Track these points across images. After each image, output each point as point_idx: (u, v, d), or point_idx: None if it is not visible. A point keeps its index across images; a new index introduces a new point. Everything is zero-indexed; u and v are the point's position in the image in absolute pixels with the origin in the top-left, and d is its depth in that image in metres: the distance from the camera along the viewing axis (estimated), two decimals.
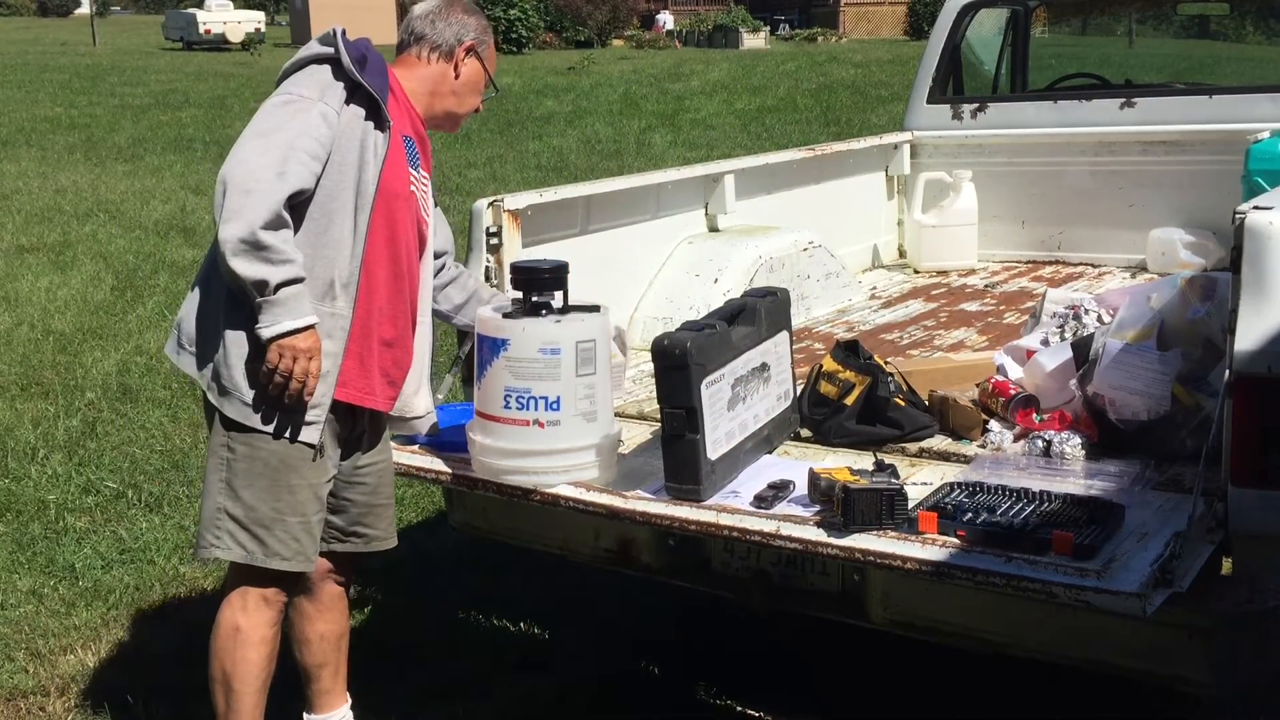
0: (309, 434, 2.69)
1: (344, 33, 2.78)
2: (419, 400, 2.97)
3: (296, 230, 2.63)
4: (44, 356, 7.26)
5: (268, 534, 2.72)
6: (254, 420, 2.66)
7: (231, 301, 2.64)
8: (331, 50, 2.73)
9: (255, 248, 2.51)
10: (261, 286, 2.54)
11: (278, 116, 2.64)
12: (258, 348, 2.61)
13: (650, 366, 2.76)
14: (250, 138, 2.60)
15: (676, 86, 24.17)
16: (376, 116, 2.71)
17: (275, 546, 2.72)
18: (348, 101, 2.69)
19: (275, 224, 2.54)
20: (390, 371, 2.83)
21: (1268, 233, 2.39)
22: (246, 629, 2.78)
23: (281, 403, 2.64)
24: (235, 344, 2.64)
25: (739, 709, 3.47)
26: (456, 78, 2.91)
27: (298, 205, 2.63)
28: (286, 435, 2.68)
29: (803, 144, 6.32)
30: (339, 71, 2.70)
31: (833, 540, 2.47)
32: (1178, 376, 2.76)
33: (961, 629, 2.64)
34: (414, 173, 2.85)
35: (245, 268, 2.52)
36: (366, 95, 2.69)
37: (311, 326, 2.60)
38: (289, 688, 3.19)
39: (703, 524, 2.63)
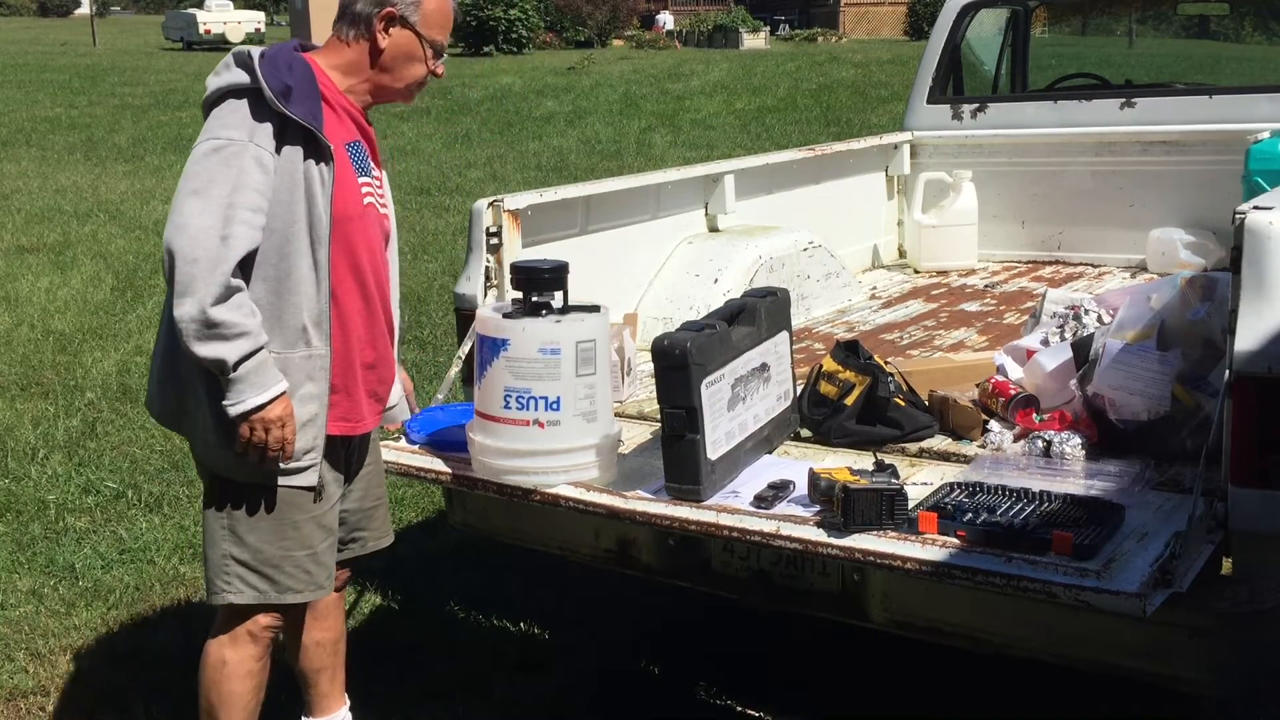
0: (307, 478, 2.64)
1: (262, 55, 2.57)
2: (394, 390, 2.96)
3: (255, 280, 2.52)
4: (44, 356, 7.27)
5: (277, 572, 2.68)
6: (248, 475, 2.61)
7: None
8: (248, 79, 2.53)
9: (208, 327, 2.42)
10: (220, 366, 2.45)
11: (211, 168, 2.47)
12: None
13: (650, 366, 2.76)
14: (187, 195, 2.45)
15: (676, 86, 24.17)
16: (315, 145, 2.55)
17: (286, 582, 2.69)
18: (281, 136, 2.52)
19: (225, 295, 2.43)
20: (376, 390, 2.80)
21: (1268, 233, 2.39)
22: (234, 662, 2.76)
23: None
24: (215, 398, 2.54)
25: (739, 709, 3.47)
26: (381, 53, 2.68)
27: (251, 254, 2.51)
28: (282, 484, 2.63)
29: (803, 144, 6.32)
30: (263, 105, 2.51)
31: (833, 540, 2.47)
32: (1178, 376, 2.76)
33: (961, 629, 2.64)
34: (366, 179, 2.72)
35: (201, 349, 2.44)
36: (300, 126, 2.52)
37: (279, 396, 2.51)
38: (288, 691, 3.19)
39: (703, 524, 2.63)
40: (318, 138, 2.54)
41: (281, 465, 2.60)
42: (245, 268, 2.50)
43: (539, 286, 2.81)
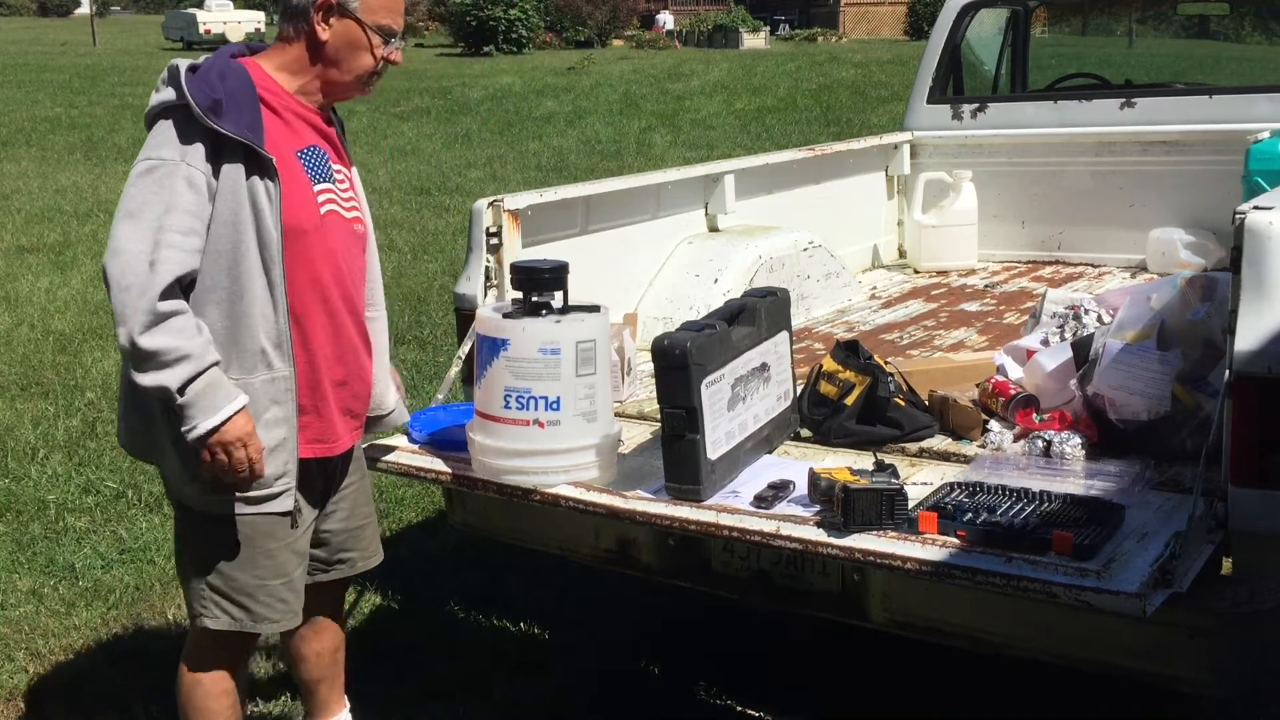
0: (282, 503, 2.57)
1: (190, 68, 2.47)
2: (388, 396, 2.91)
3: (208, 304, 2.44)
4: (44, 356, 7.27)
5: (252, 601, 2.62)
6: (219, 506, 2.55)
7: None
8: (175, 96, 2.43)
9: (143, 357, 2.34)
10: (164, 393, 2.37)
11: (143, 190, 2.38)
12: None
13: (650, 366, 2.76)
14: (121, 219, 2.38)
15: (676, 86, 24.17)
16: (257, 159, 2.43)
17: (262, 612, 2.64)
18: (217, 154, 2.41)
19: (156, 321, 2.33)
20: (350, 406, 2.73)
21: (1268, 233, 2.39)
22: (207, 681, 2.71)
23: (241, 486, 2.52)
24: (175, 426, 2.46)
25: (739, 709, 3.47)
26: (323, 46, 2.56)
27: (202, 277, 2.43)
28: (256, 511, 2.56)
29: (803, 144, 6.32)
30: (194, 123, 2.40)
31: (833, 540, 2.46)
32: (1178, 376, 2.76)
33: (961, 629, 2.64)
34: (326, 186, 2.61)
35: (142, 379, 2.36)
36: (238, 141, 2.41)
37: (236, 413, 2.42)
38: (291, 690, 3.20)
39: (703, 524, 2.63)
40: (258, 152, 2.43)
41: (254, 492, 2.53)
42: (195, 291, 2.43)
43: (539, 286, 2.81)
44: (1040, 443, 2.86)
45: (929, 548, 2.39)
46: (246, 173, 2.43)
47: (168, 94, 2.45)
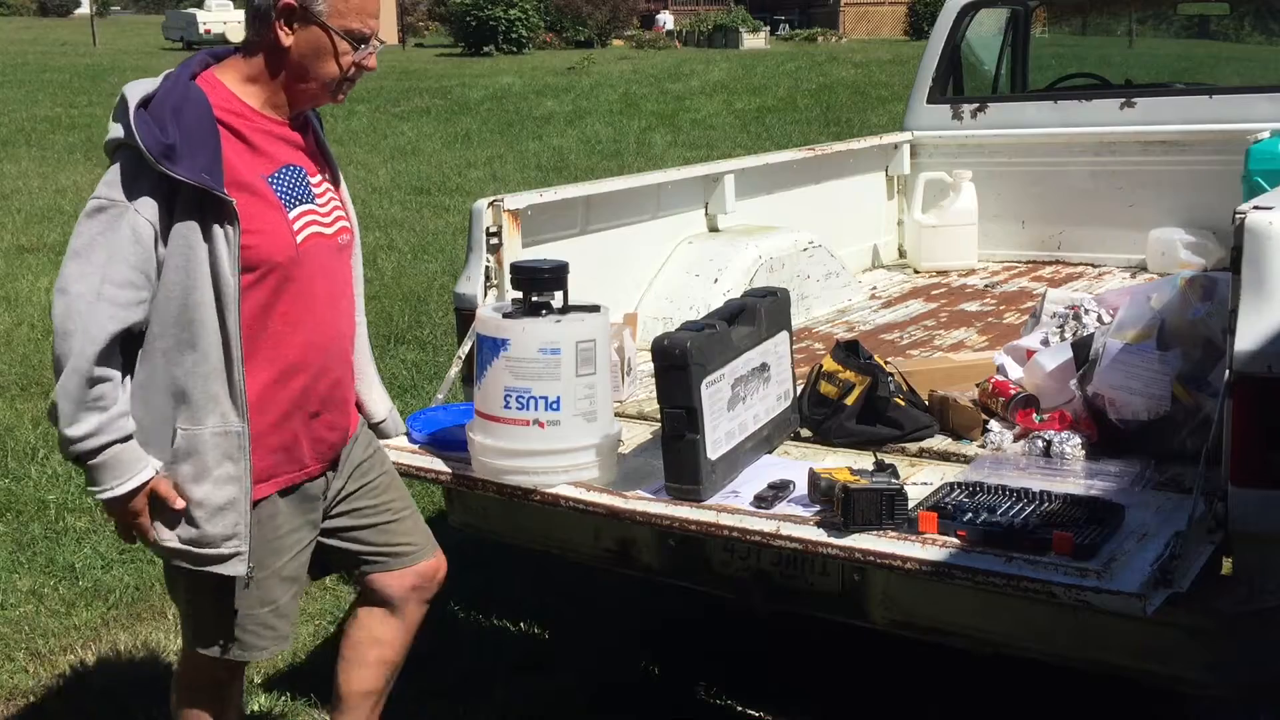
0: (231, 567, 2.42)
1: (142, 102, 2.28)
2: (377, 405, 2.83)
3: (153, 351, 2.34)
4: (44, 356, 7.25)
5: (239, 631, 2.53)
6: (176, 559, 2.45)
7: None
8: (122, 135, 2.26)
9: (61, 416, 2.28)
10: (68, 446, 2.30)
11: (90, 230, 2.27)
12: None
13: (650, 366, 2.76)
14: (70, 256, 2.28)
15: (676, 86, 24.17)
16: (216, 204, 2.28)
17: (249, 640, 2.55)
18: (170, 197, 2.27)
19: (82, 387, 2.26)
20: (326, 436, 2.58)
21: (1268, 233, 2.39)
22: (201, 699, 2.66)
23: (200, 539, 2.40)
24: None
25: (739, 709, 3.47)
26: (286, 53, 2.37)
27: (151, 323, 2.33)
28: (205, 570, 2.43)
29: (803, 144, 6.32)
30: (146, 164, 2.24)
31: (833, 540, 2.47)
32: (1178, 376, 2.76)
33: (961, 629, 2.64)
34: (306, 208, 2.45)
35: (58, 423, 2.30)
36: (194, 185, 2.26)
37: (142, 485, 2.33)
38: (292, 689, 3.20)
39: (703, 524, 2.63)
40: (216, 195, 2.27)
41: (201, 550, 2.40)
42: (145, 338, 2.33)
43: (539, 286, 2.81)
44: (1040, 443, 2.86)
45: (929, 548, 2.39)
46: (202, 217, 2.28)
47: (116, 131, 2.29)
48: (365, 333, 2.80)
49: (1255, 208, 2.44)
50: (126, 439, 2.32)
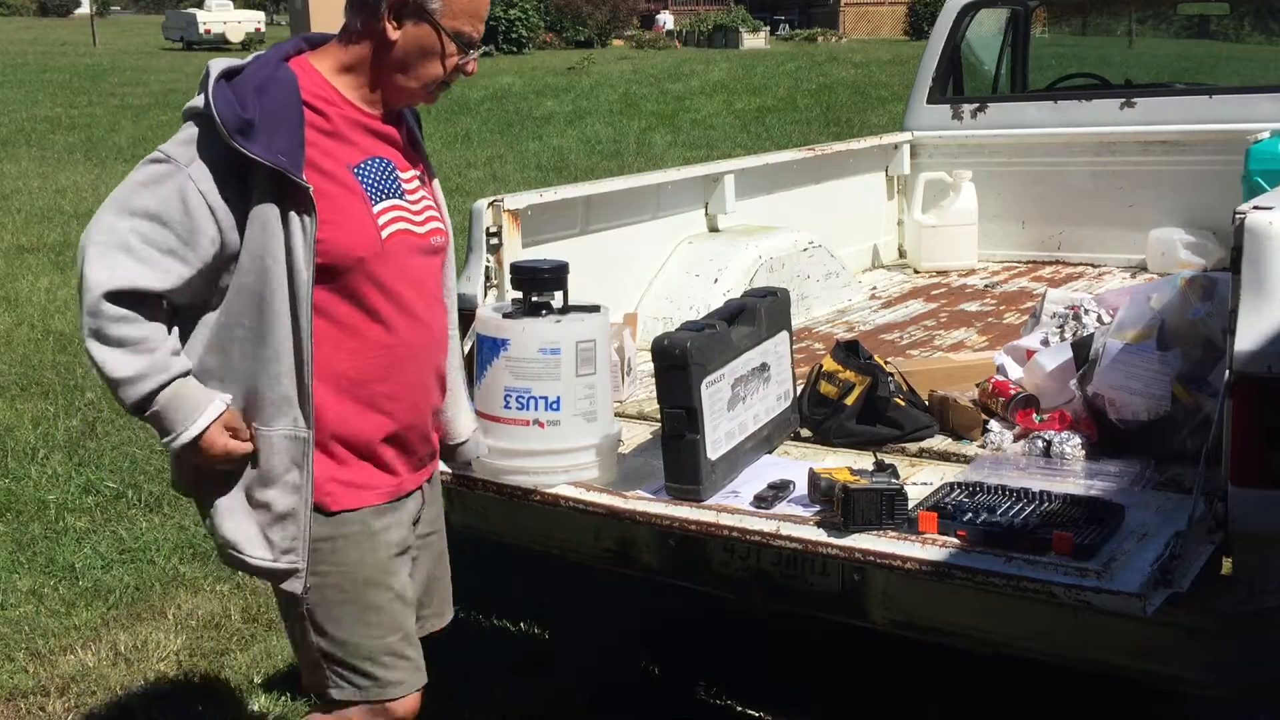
0: (291, 585, 2.26)
1: (225, 73, 2.15)
2: (460, 422, 2.63)
3: (230, 340, 2.20)
4: (44, 356, 7.26)
5: (375, 665, 2.32)
6: (230, 551, 2.27)
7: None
8: (200, 105, 2.13)
9: (97, 362, 2.12)
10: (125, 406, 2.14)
11: (136, 178, 2.17)
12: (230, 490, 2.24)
13: (650, 366, 2.76)
14: (108, 199, 2.19)
15: (676, 86, 24.17)
16: (293, 189, 2.13)
17: (389, 676, 2.34)
18: (243, 178, 2.12)
19: (106, 328, 2.10)
20: (418, 450, 2.40)
21: (1268, 233, 2.39)
22: None
23: (253, 541, 2.24)
24: (212, 491, 2.25)
25: (739, 709, 3.47)
26: (391, 48, 2.23)
27: (228, 307, 2.19)
28: (267, 579, 2.29)
29: (803, 144, 6.32)
30: (219, 136, 2.10)
31: (833, 540, 2.47)
32: (1178, 376, 2.76)
33: (961, 629, 2.64)
34: (392, 202, 2.28)
35: (103, 370, 2.13)
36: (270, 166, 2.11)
37: (213, 421, 2.17)
38: (292, 689, 3.19)
39: (703, 524, 2.63)
40: (294, 180, 2.12)
41: (257, 560, 2.24)
42: (221, 322, 2.20)
43: (539, 286, 2.81)
44: (1040, 443, 2.86)
45: (929, 548, 2.39)
46: (280, 203, 2.13)
47: (196, 100, 2.15)
48: (458, 346, 2.58)
49: (1255, 208, 2.44)
50: (185, 374, 2.16)
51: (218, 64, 2.18)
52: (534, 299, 2.80)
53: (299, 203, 2.13)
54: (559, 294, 2.82)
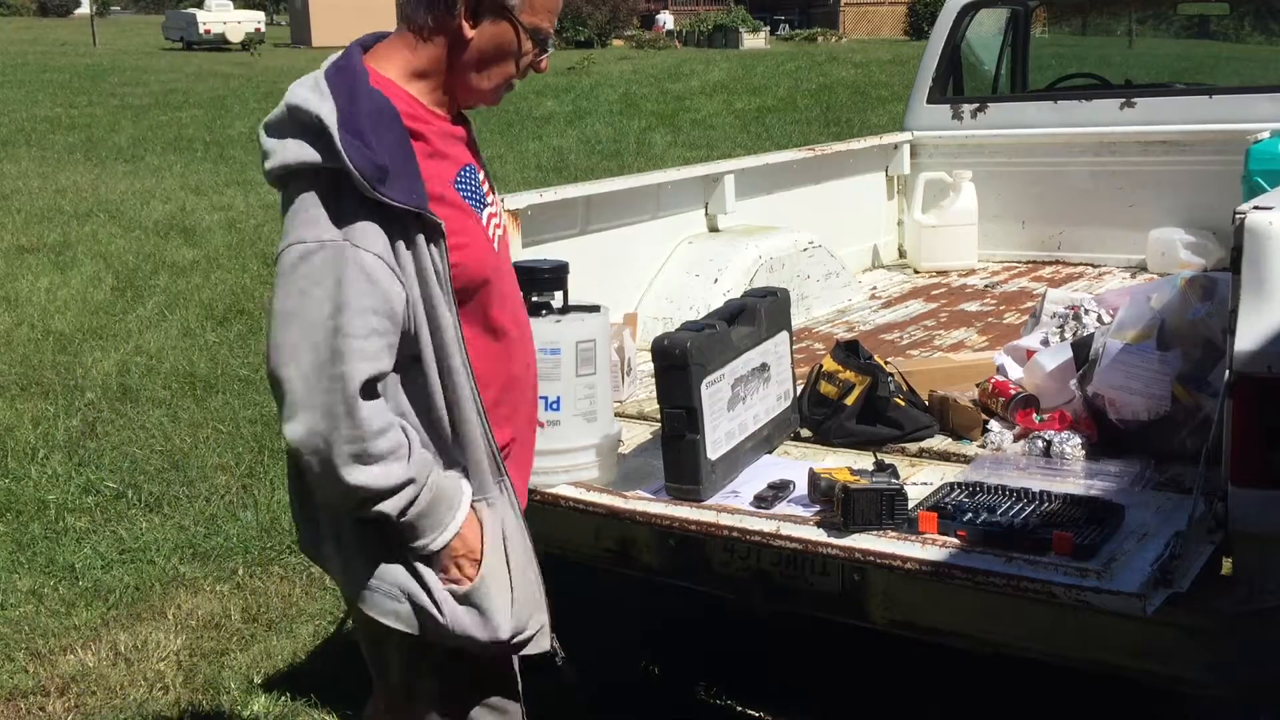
0: (537, 644, 2.17)
1: (342, 121, 1.88)
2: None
3: (404, 409, 2.00)
4: (44, 356, 7.26)
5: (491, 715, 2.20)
6: (471, 639, 2.05)
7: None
8: (320, 158, 1.88)
9: (349, 492, 1.90)
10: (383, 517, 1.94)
11: (300, 283, 1.86)
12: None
13: (650, 366, 2.76)
14: (281, 323, 1.86)
15: (676, 86, 24.17)
16: (424, 225, 1.94)
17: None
18: (386, 226, 1.90)
19: (365, 453, 1.87)
20: (521, 476, 2.25)
21: (1268, 233, 2.39)
22: None
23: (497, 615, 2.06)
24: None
25: (739, 709, 3.47)
26: (465, 48, 2.04)
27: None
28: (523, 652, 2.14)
29: (803, 144, 6.32)
30: (351, 189, 1.87)
31: (833, 540, 2.47)
32: (1178, 376, 2.76)
33: (961, 629, 2.64)
34: (489, 210, 2.14)
35: (356, 510, 1.93)
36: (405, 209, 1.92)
37: (463, 524, 2.02)
38: (292, 689, 3.19)
39: (703, 524, 2.63)
40: (425, 217, 1.94)
41: (500, 623, 2.05)
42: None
43: (539, 286, 2.81)
44: (1040, 443, 2.86)
45: (929, 548, 2.39)
46: (413, 245, 1.94)
47: (307, 154, 1.88)
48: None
49: (1255, 208, 2.44)
50: (430, 465, 1.97)
51: (316, 101, 1.90)
52: (534, 299, 2.80)
53: (433, 239, 1.96)
54: (559, 294, 2.82)
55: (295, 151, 1.89)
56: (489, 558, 2.04)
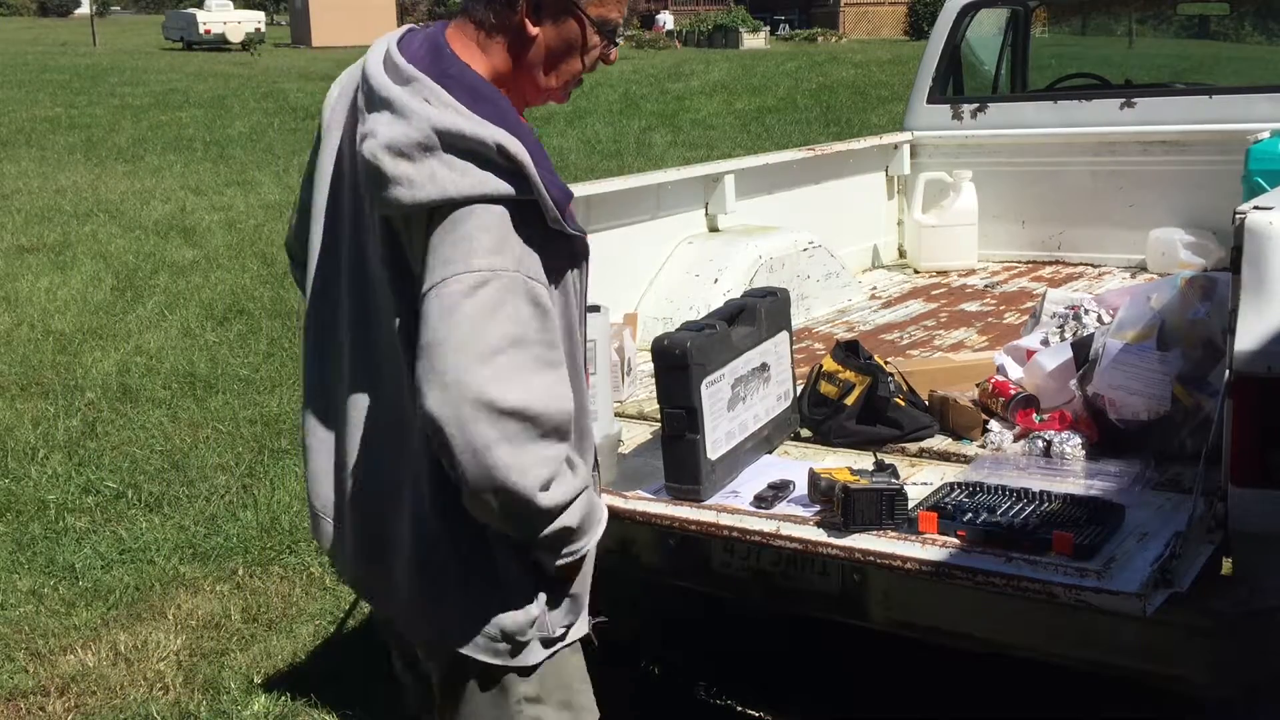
0: (579, 629, 2.16)
1: (532, 145, 1.79)
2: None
3: None
4: (44, 356, 7.27)
5: None
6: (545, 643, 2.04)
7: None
8: (512, 190, 1.76)
9: (547, 515, 1.81)
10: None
11: (476, 312, 1.71)
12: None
13: (650, 366, 2.76)
14: (455, 355, 1.69)
15: (676, 86, 24.17)
16: (572, 248, 1.88)
17: None
18: (542, 249, 1.80)
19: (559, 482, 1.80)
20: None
21: (1268, 233, 2.39)
22: None
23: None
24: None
25: (739, 709, 3.47)
26: (530, 45, 1.93)
27: None
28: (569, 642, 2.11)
29: (803, 144, 6.32)
30: (529, 220, 1.78)
31: (833, 540, 2.47)
32: (1178, 376, 2.76)
33: (962, 629, 2.64)
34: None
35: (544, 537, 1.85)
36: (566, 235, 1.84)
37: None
38: (292, 689, 3.19)
39: (703, 524, 2.63)
40: (575, 242, 1.88)
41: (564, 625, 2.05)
42: None
43: None
44: (1040, 443, 2.86)
45: (929, 548, 2.39)
46: (569, 267, 1.89)
47: (495, 185, 1.76)
48: None
49: (1255, 208, 2.43)
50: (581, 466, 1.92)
51: (490, 130, 1.77)
52: None
53: (579, 259, 1.90)
54: None
55: (480, 181, 1.76)
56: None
